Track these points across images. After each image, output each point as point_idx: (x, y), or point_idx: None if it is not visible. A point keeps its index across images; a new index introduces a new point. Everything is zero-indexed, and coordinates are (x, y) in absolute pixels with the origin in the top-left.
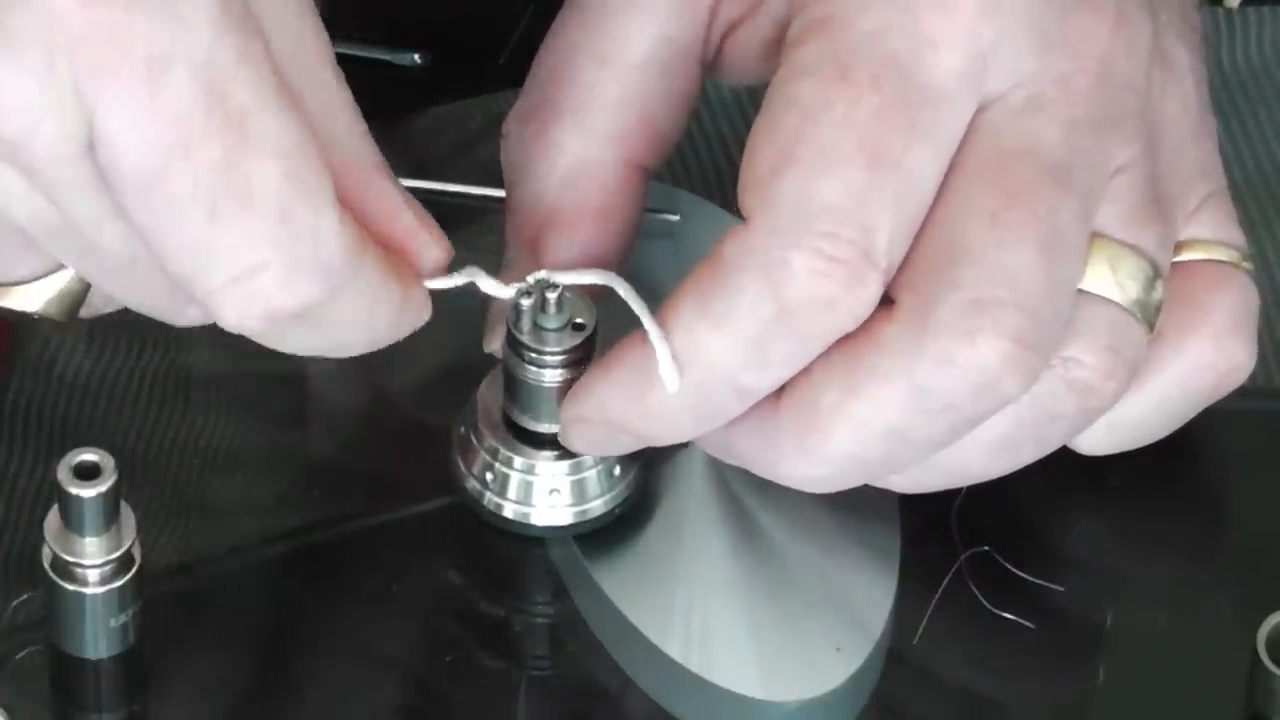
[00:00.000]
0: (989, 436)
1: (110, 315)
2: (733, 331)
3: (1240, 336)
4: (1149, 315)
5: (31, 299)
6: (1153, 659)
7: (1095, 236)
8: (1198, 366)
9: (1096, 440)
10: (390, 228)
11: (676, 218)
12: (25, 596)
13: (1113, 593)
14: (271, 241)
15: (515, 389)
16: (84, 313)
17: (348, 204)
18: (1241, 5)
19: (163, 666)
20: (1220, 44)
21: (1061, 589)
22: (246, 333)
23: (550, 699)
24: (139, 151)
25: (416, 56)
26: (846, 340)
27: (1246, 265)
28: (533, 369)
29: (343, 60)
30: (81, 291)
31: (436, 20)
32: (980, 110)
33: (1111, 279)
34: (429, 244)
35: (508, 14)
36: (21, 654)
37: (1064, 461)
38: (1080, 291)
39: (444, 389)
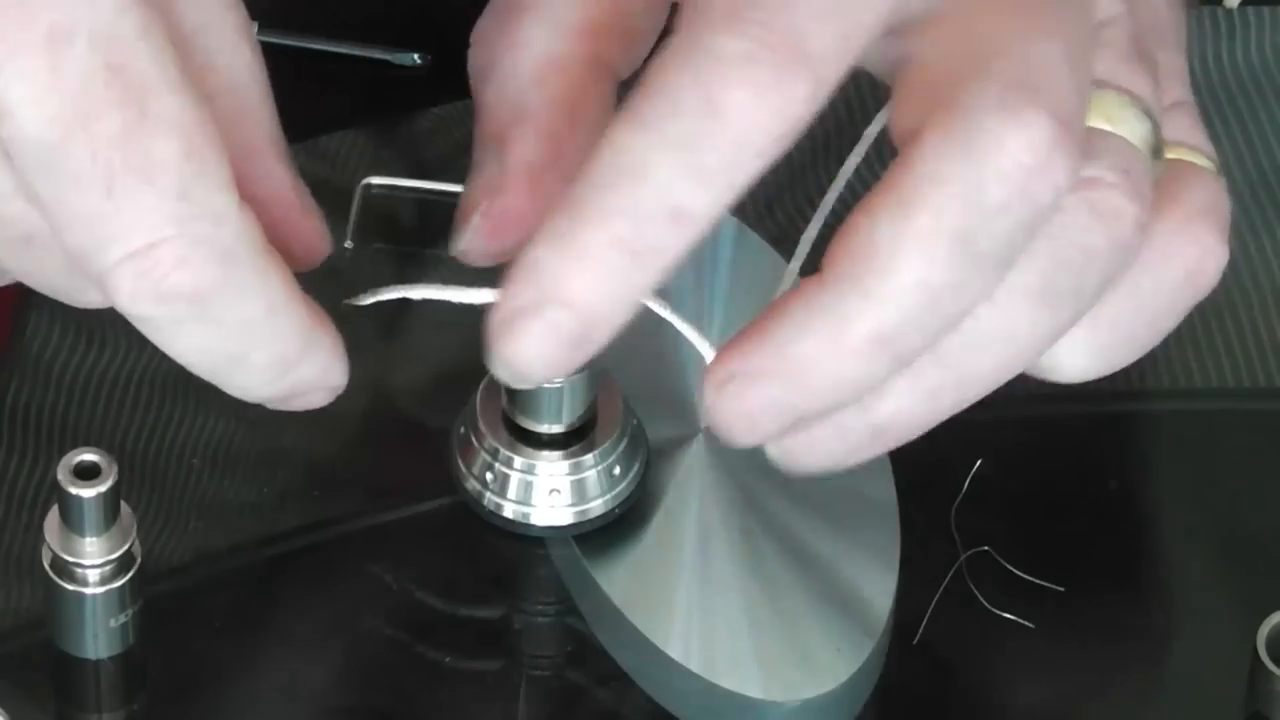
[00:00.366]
0: (1029, 281)
1: (111, 312)
2: (663, 134)
3: (1210, 225)
4: (1152, 166)
5: None
6: (1153, 659)
7: (1092, 84)
8: (1169, 255)
9: (1078, 349)
10: (286, 213)
11: None
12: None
13: (1113, 593)
14: (168, 218)
15: (515, 389)
16: None
17: (247, 185)
18: (1241, 5)
19: (163, 666)
20: (1220, 44)
21: (1061, 589)
22: (140, 317)
23: (550, 699)
24: (38, 123)
25: (416, 56)
26: (883, 178)
27: (1220, 175)
28: None
29: (343, 60)
30: None
31: (436, 20)
32: None
33: (1110, 128)
34: (319, 234)
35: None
36: (21, 654)
37: (1064, 462)
38: (1087, 127)
39: (444, 389)
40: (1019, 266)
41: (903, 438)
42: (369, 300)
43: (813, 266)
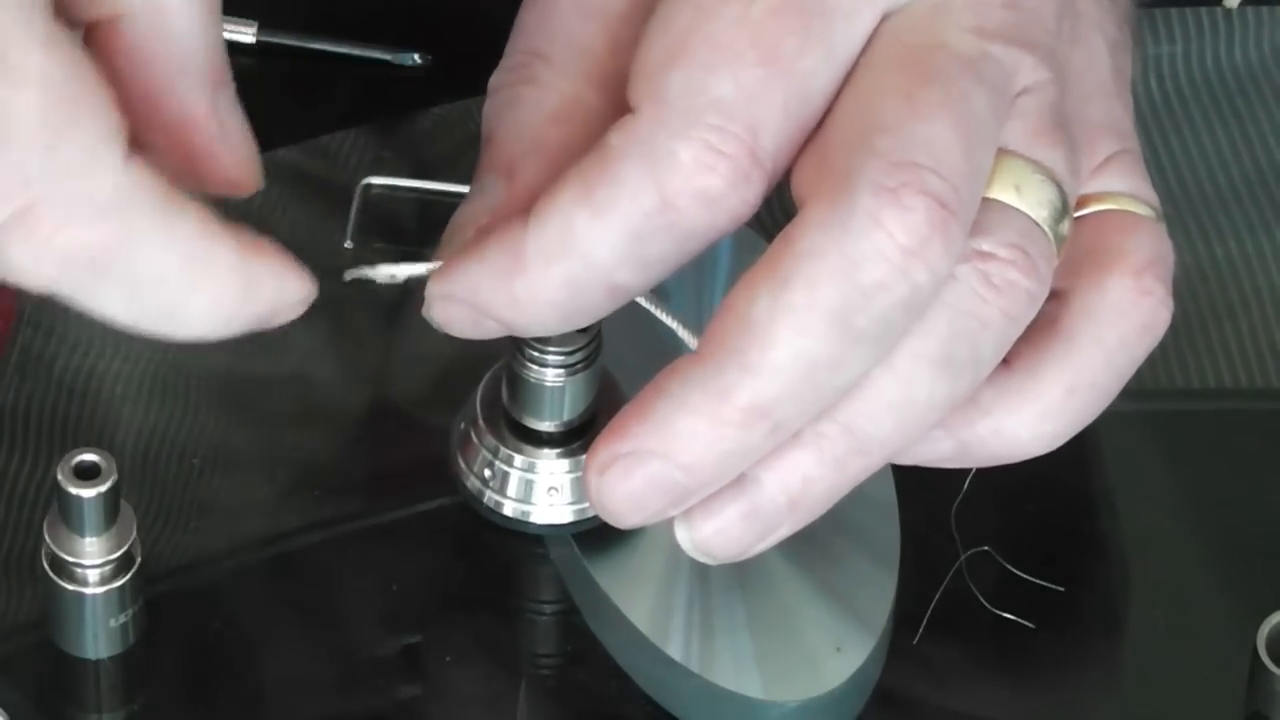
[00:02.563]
0: (926, 349)
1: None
2: (612, 222)
3: (1157, 275)
4: (1056, 240)
5: None
6: (1153, 659)
7: (1002, 154)
8: (1119, 307)
9: (1052, 415)
10: (205, 141)
11: None
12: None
13: (1113, 593)
14: (37, 174)
15: (516, 387)
16: None
17: (161, 114)
18: (1241, 5)
19: (163, 666)
20: (1220, 44)
21: (1061, 589)
22: (47, 284)
23: (550, 699)
24: None
25: (416, 56)
26: (765, 257)
27: (1160, 222)
28: (534, 368)
29: (343, 60)
30: None
31: (436, 20)
32: (885, 17)
33: (1017, 199)
34: (242, 163)
35: (508, 14)
36: (21, 654)
37: (1064, 462)
38: (989, 200)
39: (444, 388)
40: (916, 334)
41: (818, 509)
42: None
43: None
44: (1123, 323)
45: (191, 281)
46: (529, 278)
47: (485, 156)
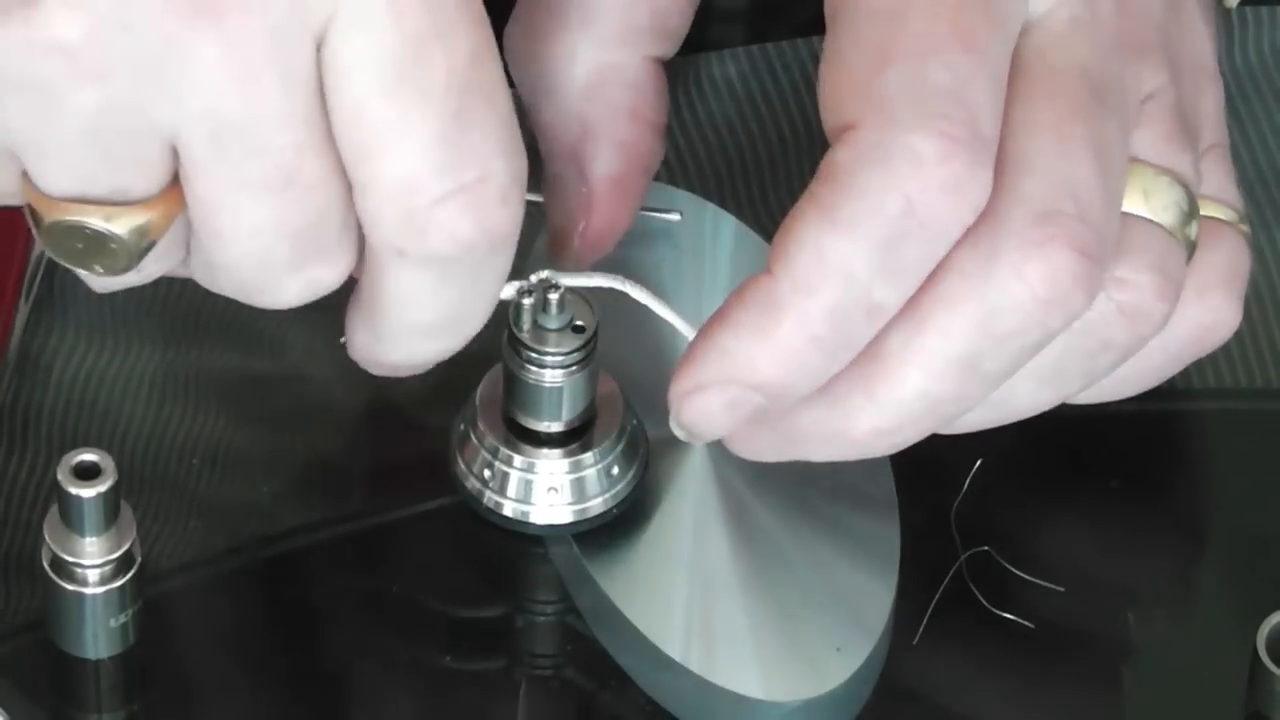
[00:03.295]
0: (1039, 366)
1: (111, 312)
2: (863, 236)
3: (1226, 294)
4: (1186, 245)
5: (120, 222)
6: (1153, 659)
7: (1131, 162)
8: (1182, 321)
9: (1079, 395)
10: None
11: (677, 217)
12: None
13: (1113, 593)
14: (501, 149)
15: (515, 388)
16: (146, 267)
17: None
18: (1241, 5)
19: (163, 666)
20: (1220, 44)
21: (1061, 589)
22: (440, 256)
23: (550, 699)
24: (394, 37)
25: None
26: None
27: (1244, 227)
28: (533, 369)
29: None
30: (159, 234)
31: None
32: (1025, 29)
33: (1145, 206)
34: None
35: (508, 14)
36: (21, 654)
37: (1064, 462)
38: (1124, 214)
39: (444, 388)
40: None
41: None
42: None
43: None
44: (1174, 333)
45: (498, 289)
46: (789, 320)
47: (543, 145)
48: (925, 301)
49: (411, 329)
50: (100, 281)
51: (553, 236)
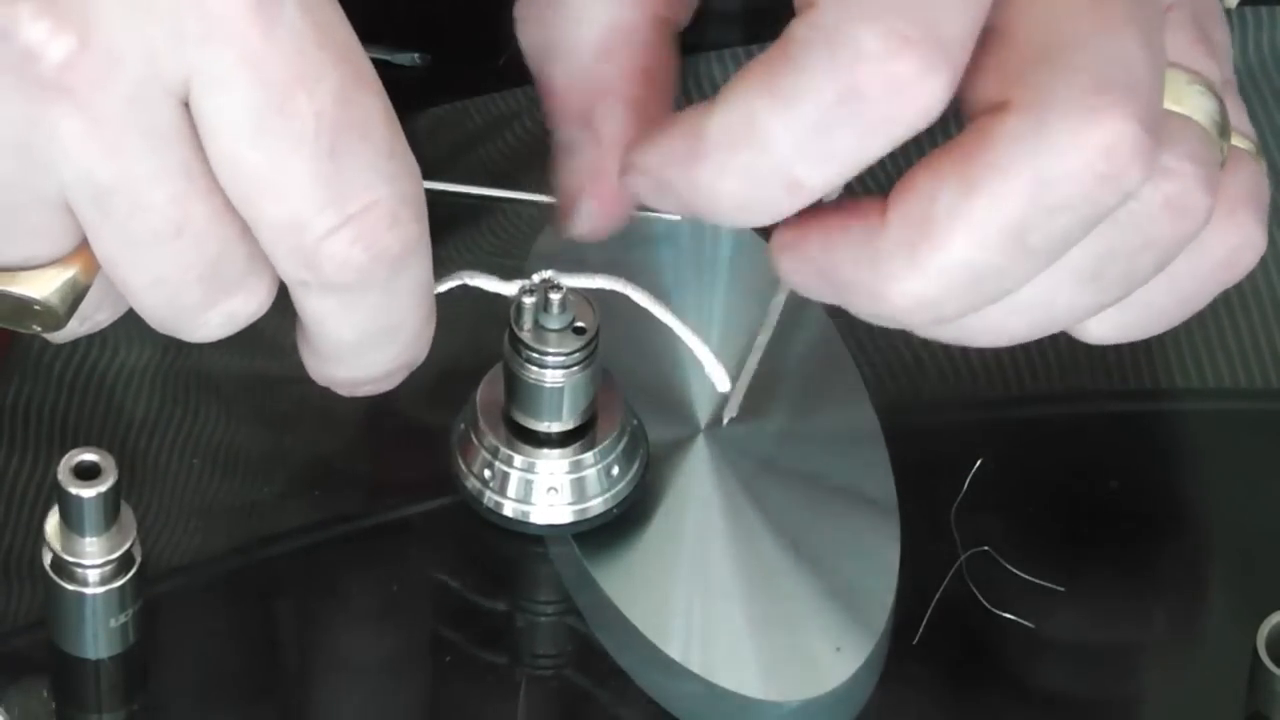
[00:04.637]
0: (1082, 263)
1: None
2: (795, 112)
3: (1251, 213)
4: (1221, 156)
5: (39, 285)
6: (1153, 659)
7: None
8: (1210, 242)
9: (1105, 321)
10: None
11: (677, 217)
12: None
13: (1113, 593)
14: (383, 176)
15: (515, 388)
16: (71, 324)
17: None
18: (1241, 5)
19: (163, 666)
20: None
21: (1062, 589)
22: (339, 285)
23: (550, 699)
24: (256, 88)
25: (416, 56)
26: (955, 141)
27: (1261, 160)
28: (533, 369)
29: None
30: (85, 286)
31: (436, 20)
32: None
33: (1178, 109)
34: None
35: (508, 14)
36: (21, 654)
37: (1064, 462)
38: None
39: (444, 388)
40: (1076, 247)
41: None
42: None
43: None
44: (1202, 256)
45: (423, 304)
46: (709, 165)
47: (553, 111)
48: (975, 167)
49: (343, 348)
50: (54, 336)
51: (562, 202)
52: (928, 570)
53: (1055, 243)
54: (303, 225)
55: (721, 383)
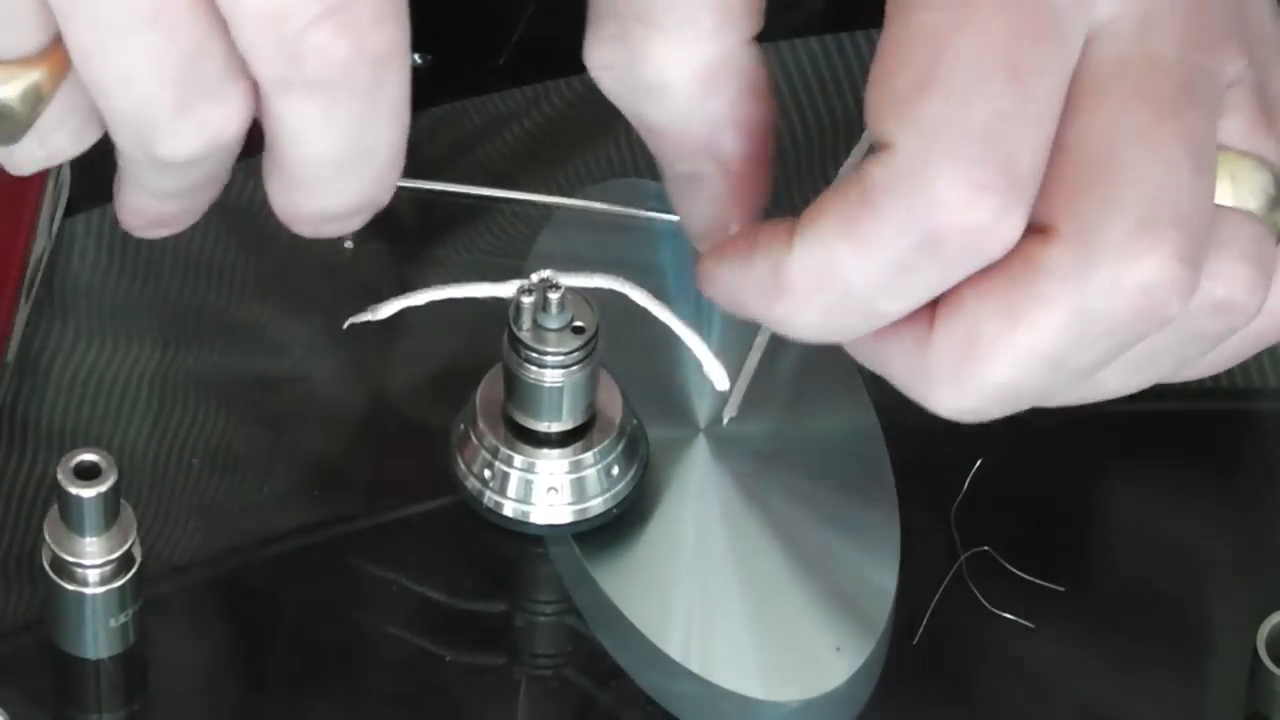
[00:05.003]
0: (1132, 357)
1: (111, 312)
2: (875, 256)
3: None
4: (1274, 230)
5: (10, 85)
6: (1153, 659)
7: (1218, 150)
8: (1264, 312)
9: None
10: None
11: (677, 217)
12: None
13: (1113, 593)
14: None
15: (515, 387)
16: (29, 145)
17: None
18: None
19: (163, 666)
20: None
21: (1061, 589)
22: (321, 82)
23: (550, 699)
24: None
25: (416, 56)
26: (1002, 266)
27: None
28: (533, 369)
29: None
30: (49, 94)
31: (436, 20)
32: (1093, 37)
33: (1233, 193)
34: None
35: (507, 14)
36: (21, 654)
37: (1064, 462)
38: (1216, 206)
39: (444, 388)
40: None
41: None
42: (372, 316)
43: None
44: (1263, 322)
45: (399, 121)
46: (790, 303)
47: (660, 146)
48: (1019, 298)
49: (315, 165)
50: (9, 157)
51: (703, 235)
52: (928, 570)
53: (1095, 362)
54: (285, 13)
55: (720, 382)
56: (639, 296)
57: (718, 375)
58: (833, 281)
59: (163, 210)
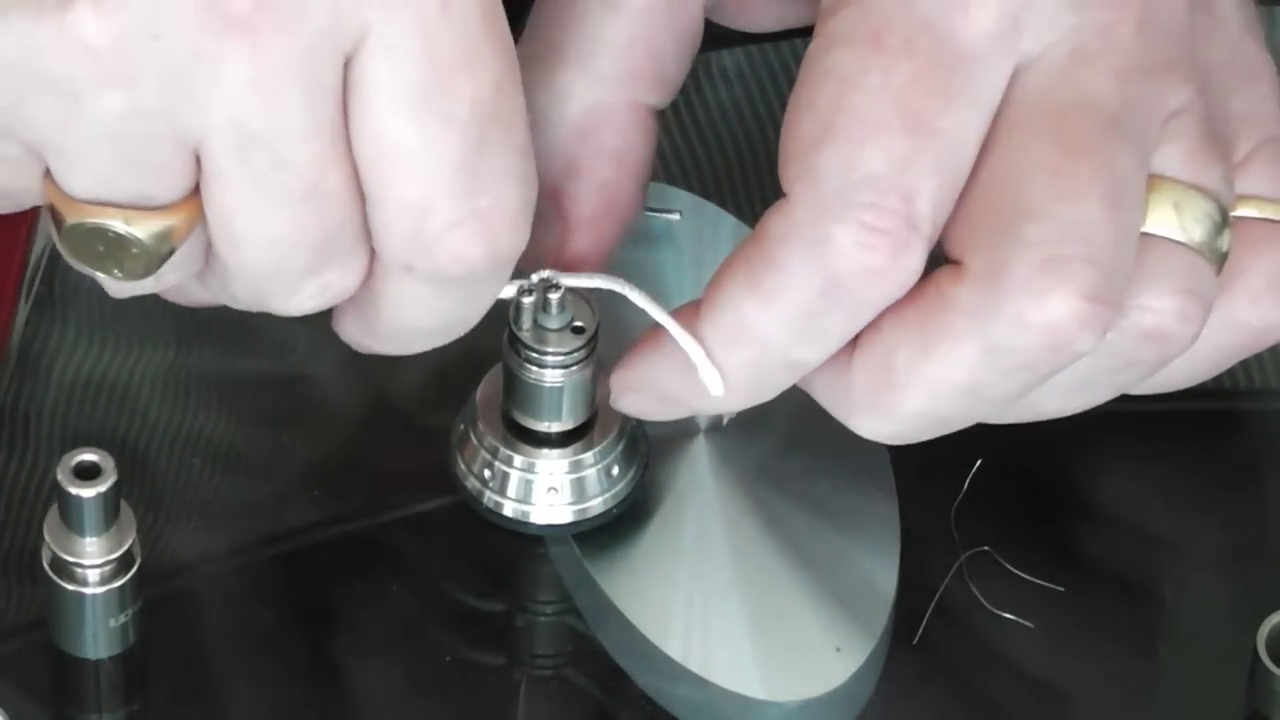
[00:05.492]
0: (1064, 381)
1: (111, 312)
2: (782, 308)
3: (1278, 295)
4: (1216, 258)
5: (140, 225)
6: (1153, 659)
7: (1158, 179)
8: (1233, 326)
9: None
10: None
11: (677, 217)
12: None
13: (1113, 593)
14: (516, 178)
15: (515, 387)
16: (147, 280)
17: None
18: None
19: (163, 666)
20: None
21: (1061, 589)
22: (444, 277)
23: (550, 699)
24: (419, 61)
25: None
26: (917, 299)
27: None
28: (533, 369)
29: None
30: (179, 242)
31: None
32: (1021, 69)
33: (1177, 221)
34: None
35: (507, 13)
36: (21, 654)
37: (1064, 462)
38: (1148, 236)
39: (444, 388)
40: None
41: None
42: None
43: None
44: (1225, 337)
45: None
46: (710, 366)
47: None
48: (930, 330)
49: (410, 333)
50: (117, 286)
51: (523, 263)
52: (928, 570)
53: (1014, 393)
54: (430, 209)
55: (715, 386)
56: (637, 297)
57: (712, 378)
58: (747, 338)
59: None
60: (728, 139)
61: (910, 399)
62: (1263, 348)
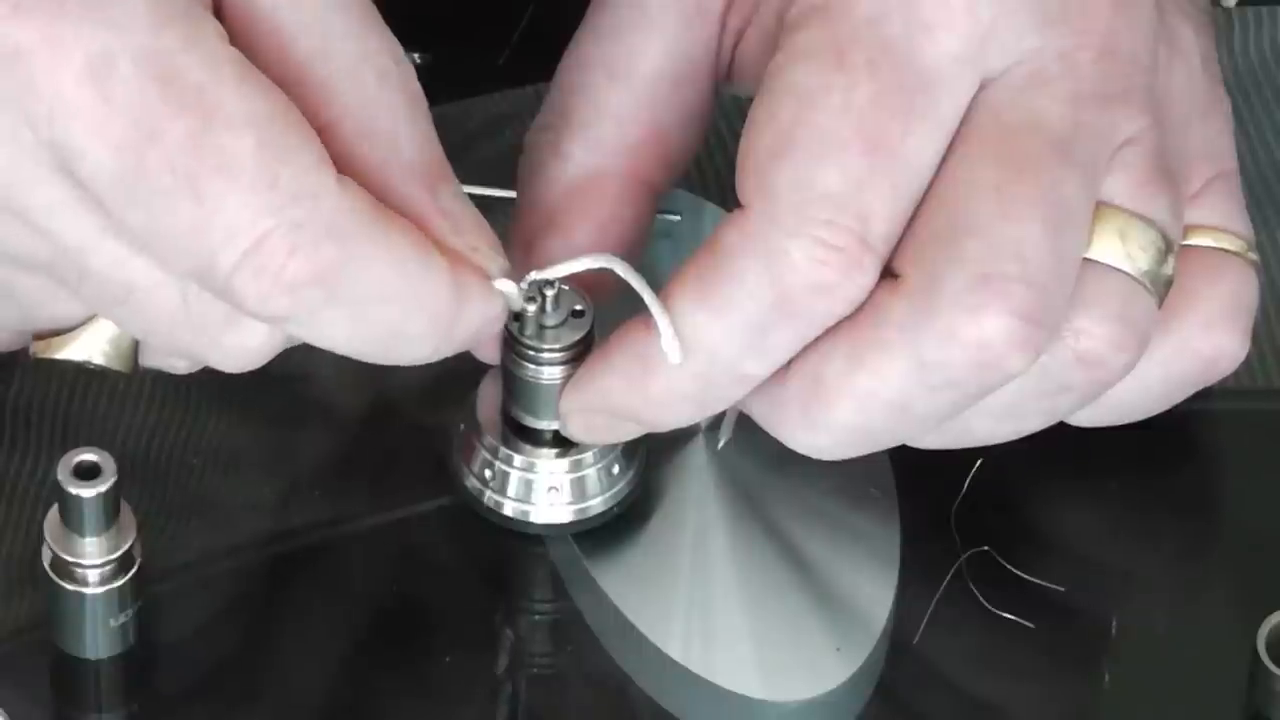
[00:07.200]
0: (996, 404)
1: None
2: (732, 320)
3: (1230, 326)
4: (1159, 288)
5: (86, 348)
6: (1153, 659)
7: (1105, 207)
8: (1183, 353)
9: (1079, 415)
10: (440, 238)
11: (677, 218)
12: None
13: (1113, 593)
14: (264, 209)
15: (514, 386)
16: (144, 362)
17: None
18: (1240, 5)
19: (163, 666)
20: (1219, 44)
21: (1061, 589)
22: (280, 316)
23: (550, 699)
24: (107, 152)
25: (416, 56)
26: (846, 320)
27: (1251, 255)
28: (531, 366)
29: None
30: (130, 338)
31: (436, 20)
32: (982, 88)
33: (1121, 249)
34: (492, 259)
35: (507, 14)
36: (21, 654)
37: (1064, 462)
38: (1090, 262)
39: (444, 388)
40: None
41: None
42: None
43: None
44: (1177, 364)
45: (412, 298)
46: (660, 380)
47: (514, 220)
48: (862, 343)
49: (350, 351)
50: (181, 365)
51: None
52: (928, 570)
53: (942, 411)
54: (208, 269)
55: (674, 355)
56: (621, 269)
57: (672, 348)
58: (696, 349)
59: None
60: (729, 139)
61: (839, 411)
62: (1213, 379)
